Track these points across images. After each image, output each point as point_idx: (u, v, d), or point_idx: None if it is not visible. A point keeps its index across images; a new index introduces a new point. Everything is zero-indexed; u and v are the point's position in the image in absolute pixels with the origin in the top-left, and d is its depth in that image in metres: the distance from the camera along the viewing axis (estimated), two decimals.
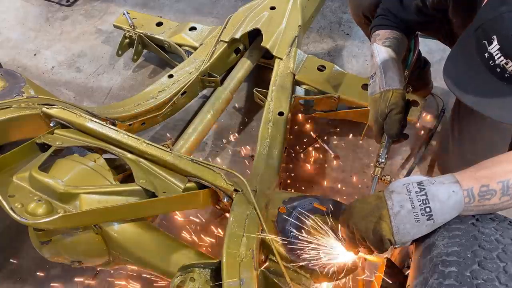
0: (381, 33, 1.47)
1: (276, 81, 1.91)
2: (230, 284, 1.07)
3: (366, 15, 1.73)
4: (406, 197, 0.93)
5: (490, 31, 0.92)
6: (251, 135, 2.15)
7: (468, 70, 0.99)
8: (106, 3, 2.93)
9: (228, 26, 2.09)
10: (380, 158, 1.38)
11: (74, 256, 1.35)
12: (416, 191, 0.93)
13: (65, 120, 1.49)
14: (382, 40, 1.45)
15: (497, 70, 0.93)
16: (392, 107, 1.33)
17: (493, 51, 0.92)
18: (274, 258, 1.21)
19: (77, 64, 2.58)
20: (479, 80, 0.97)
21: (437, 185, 0.92)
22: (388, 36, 1.46)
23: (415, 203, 0.92)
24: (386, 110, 1.34)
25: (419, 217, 0.92)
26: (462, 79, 1.01)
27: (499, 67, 0.92)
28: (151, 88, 1.91)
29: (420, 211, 0.91)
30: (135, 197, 1.33)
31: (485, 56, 0.94)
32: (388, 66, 1.39)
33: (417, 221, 0.92)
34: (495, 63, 0.92)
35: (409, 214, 0.92)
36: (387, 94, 1.35)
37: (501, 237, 0.89)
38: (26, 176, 1.30)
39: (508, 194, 0.90)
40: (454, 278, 0.81)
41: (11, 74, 1.60)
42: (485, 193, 0.90)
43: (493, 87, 0.95)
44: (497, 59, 0.92)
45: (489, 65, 0.94)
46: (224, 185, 1.34)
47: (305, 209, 1.31)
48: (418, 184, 0.94)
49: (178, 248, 1.32)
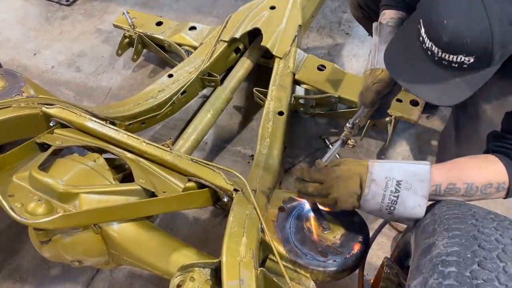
0: (387, 13, 1.49)
1: (276, 81, 1.90)
2: (230, 283, 1.07)
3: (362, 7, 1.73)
4: (381, 192, 1.05)
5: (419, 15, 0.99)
6: (251, 134, 2.15)
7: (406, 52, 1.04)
8: (106, 3, 2.93)
9: (228, 26, 2.09)
10: (348, 123, 1.42)
11: (74, 255, 1.34)
12: (391, 190, 1.04)
13: (65, 120, 1.49)
14: (387, 19, 1.48)
15: (428, 53, 0.98)
16: (376, 81, 1.37)
17: (423, 34, 0.98)
18: (274, 258, 1.21)
19: (77, 63, 2.58)
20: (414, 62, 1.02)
21: (410, 193, 1.03)
22: (393, 16, 1.48)
23: (385, 201, 1.04)
24: (370, 84, 1.39)
25: (382, 210, 1.06)
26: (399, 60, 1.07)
27: (429, 50, 0.97)
28: (150, 87, 1.91)
29: (385, 207, 1.05)
30: (134, 197, 1.33)
31: (420, 39, 0.99)
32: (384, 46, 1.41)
33: (380, 210, 1.06)
34: (426, 46, 0.98)
35: (375, 204, 1.06)
36: (377, 71, 1.38)
37: (501, 237, 0.89)
38: (25, 176, 1.30)
39: (470, 195, 1.04)
40: (453, 278, 0.81)
41: (11, 74, 1.59)
42: (451, 190, 1.04)
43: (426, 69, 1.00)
44: (426, 42, 0.97)
45: (423, 48, 0.99)
46: (224, 185, 1.34)
47: (305, 209, 1.31)
48: (396, 183, 1.04)
49: (178, 248, 1.31)
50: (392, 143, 2.03)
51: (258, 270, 1.11)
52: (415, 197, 1.03)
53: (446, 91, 1.02)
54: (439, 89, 1.02)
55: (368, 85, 1.40)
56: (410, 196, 1.03)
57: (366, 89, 1.40)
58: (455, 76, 1.00)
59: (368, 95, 1.40)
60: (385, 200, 1.04)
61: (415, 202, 1.03)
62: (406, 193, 1.03)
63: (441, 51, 0.96)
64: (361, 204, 1.09)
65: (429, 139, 2.08)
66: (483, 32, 0.91)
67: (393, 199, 1.04)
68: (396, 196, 1.03)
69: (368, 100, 1.40)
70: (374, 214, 1.11)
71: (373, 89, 1.38)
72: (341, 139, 1.41)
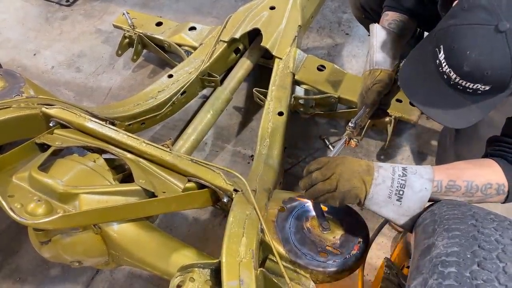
0: (390, 14, 1.53)
1: (275, 81, 1.90)
2: (229, 284, 1.07)
3: (364, 8, 1.74)
4: (390, 176, 1.06)
5: (439, 40, 1.01)
6: (251, 135, 2.15)
7: (421, 73, 1.07)
8: (106, 3, 2.93)
9: (228, 26, 2.09)
10: (350, 123, 1.43)
11: (73, 256, 1.34)
12: (399, 174, 1.06)
13: (65, 120, 1.49)
14: (389, 21, 1.50)
15: (444, 77, 1.01)
16: (376, 82, 1.40)
17: (441, 59, 1.00)
18: (273, 258, 1.21)
19: (77, 64, 2.58)
20: (430, 83, 1.05)
21: (417, 176, 1.05)
22: (395, 18, 1.51)
23: (394, 184, 1.05)
24: (370, 85, 1.41)
25: (392, 195, 1.05)
26: (414, 81, 1.10)
27: (445, 74, 1.00)
28: (150, 88, 1.91)
29: (395, 191, 1.05)
30: (134, 197, 1.33)
31: (436, 62, 1.02)
32: (383, 47, 1.45)
33: (389, 197, 1.05)
34: (443, 70, 1.01)
35: (386, 189, 1.05)
36: (375, 72, 1.41)
37: (501, 238, 0.89)
38: (25, 176, 1.30)
39: (471, 194, 1.05)
40: (453, 279, 0.81)
41: (10, 74, 1.59)
42: (451, 187, 1.05)
43: (441, 92, 1.04)
44: (444, 66, 1.00)
45: (439, 71, 1.02)
46: (223, 185, 1.34)
47: (305, 209, 1.31)
48: (403, 169, 1.07)
49: (178, 248, 1.31)
50: (392, 143, 2.03)
51: (258, 270, 1.11)
52: (422, 180, 1.04)
53: (459, 115, 1.06)
54: (452, 113, 1.06)
55: (368, 86, 1.41)
56: (417, 180, 1.04)
57: (367, 90, 1.41)
58: (468, 99, 1.03)
59: (369, 96, 1.41)
60: (394, 184, 1.04)
61: (422, 184, 1.04)
62: (413, 177, 1.05)
63: (460, 78, 0.99)
64: (371, 192, 1.06)
65: (429, 139, 2.08)
66: (503, 66, 0.96)
67: (401, 182, 1.04)
68: (404, 180, 1.04)
69: (370, 101, 1.41)
70: (382, 206, 1.07)
71: (374, 90, 1.40)
72: (343, 138, 1.42)
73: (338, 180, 1.08)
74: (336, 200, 1.10)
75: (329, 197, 1.11)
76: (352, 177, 1.08)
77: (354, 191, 1.07)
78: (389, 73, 1.42)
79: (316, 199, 1.14)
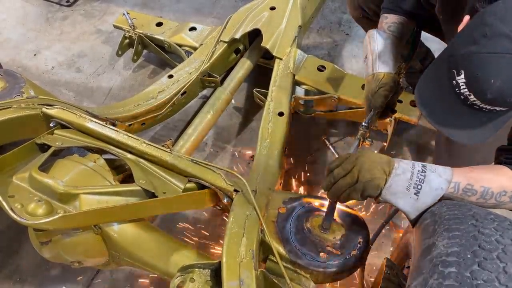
0: (389, 17, 1.54)
1: (276, 81, 1.90)
2: (230, 284, 1.07)
3: (362, 7, 1.74)
4: (410, 169, 1.08)
5: (459, 64, 1.01)
6: (251, 135, 2.15)
7: (437, 91, 1.08)
8: (106, 3, 2.93)
9: (228, 26, 2.09)
10: (364, 123, 1.46)
11: (74, 256, 1.35)
12: (418, 170, 1.08)
13: (65, 121, 1.49)
14: (388, 24, 1.53)
15: (461, 98, 1.02)
16: (381, 86, 1.43)
17: (460, 82, 1.00)
18: (274, 258, 1.21)
19: (77, 64, 2.58)
20: (446, 102, 1.06)
21: (435, 175, 1.08)
22: (394, 20, 1.53)
23: (414, 177, 1.07)
24: (376, 88, 1.44)
25: (410, 188, 1.07)
26: (431, 99, 1.11)
27: (463, 95, 1.01)
28: (151, 88, 1.91)
29: (413, 184, 1.07)
30: (135, 198, 1.33)
31: (453, 83, 1.02)
32: (384, 51, 1.48)
33: (407, 189, 1.07)
34: (460, 92, 1.01)
35: (405, 181, 1.07)
36: (379, 75, 1.44)
37: (501, 238, 0.89)
38: (26, 177, 1.30)
39: (485, 198, 1.07)
40: (454, 279, 0.81)
41: (11, 75, 1.59)
42: (468, 191, 1.07)
43: (457, 111, 1.05)
44: (462, 89, 1.01)
45: (455, 92, 1.02)
46: (224, 186, 1.34)
47: (305, 209, 1.31)
48: (422, 166, 1.09)
49: (178, 249, 1.32)
50: (392, 143, 2.03)
51: (258, 270, 1.11)
52: (440, 179, 1.07)
53: (475, 133, 1.08)
54: (468, 130, 1.08)
55: (374, 90, 1.44)
56: (435, 178, 1.07)
57: (373, 94, 1.44)
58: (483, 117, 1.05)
59: (377, 99, 1.44)
60: (414, 177, 1.07)
61: (439, 183, 1.06)
62: (432, 174, 1.07)
63: (480, 102, 1.00)
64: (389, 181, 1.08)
65: (429, 139, 2.08)
66: None
67: (420, 178, 1.07)
68: (424, 176, 1.07)
69: (378, 104, 1.45)
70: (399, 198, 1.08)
71: (380, 94, 1.43)
72: (357, 139, 1.45)
73: (359, 171, 1.10)
74: (358, 192, 1.11)
75: (351, 191, 1.12)
76: (373, 167, 1.09)
77: (375, 181, 1.09)
78: (392, 75, 1.45)
79: (338, 198, 1.15)
